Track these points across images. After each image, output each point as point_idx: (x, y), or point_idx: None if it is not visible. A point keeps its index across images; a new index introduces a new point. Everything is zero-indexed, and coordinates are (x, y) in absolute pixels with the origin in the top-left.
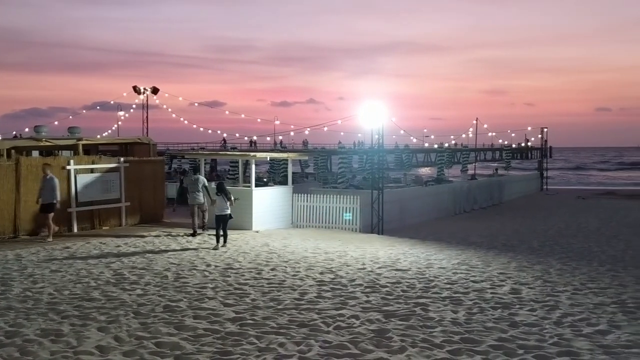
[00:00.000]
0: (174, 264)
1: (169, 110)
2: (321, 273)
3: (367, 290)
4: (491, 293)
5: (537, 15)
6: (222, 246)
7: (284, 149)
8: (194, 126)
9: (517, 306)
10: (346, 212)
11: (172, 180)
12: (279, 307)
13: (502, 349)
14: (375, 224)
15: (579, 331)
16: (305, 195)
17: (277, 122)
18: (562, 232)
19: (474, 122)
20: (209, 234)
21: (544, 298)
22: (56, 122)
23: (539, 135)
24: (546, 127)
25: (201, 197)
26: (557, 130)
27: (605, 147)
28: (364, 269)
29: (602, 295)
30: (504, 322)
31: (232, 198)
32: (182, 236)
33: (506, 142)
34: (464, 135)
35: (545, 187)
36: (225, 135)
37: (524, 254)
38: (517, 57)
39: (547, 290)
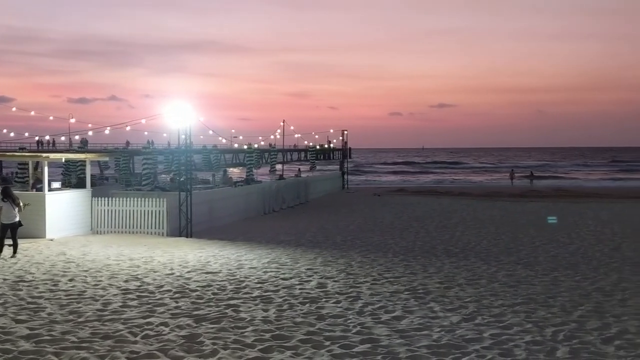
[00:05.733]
0: None
1: None
2: (126, 281)
3: (177, 295)
4: (300, 289)
5: (338, 23)
6: (12, 257)
7: (81, 149)
8: None
9: (324, 299)
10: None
11: None
12: (80, 319)
13: (311, 342)
14: (184, 227)
15: (378, 319)
16: (106, 198)
17: (73, 120)
18: (362, 227)
19: (281, 123)
20: None
21: (348, 290)
22: None
23: (340, 137)
24: (346, 130)
25: None
26: (357, 133)
27: (397, 148)
28: (172, 274)
29: (396, 284)
30: (312, 316)
31: (21, 204)
32: None
33: (311, 144)
34: (272, 137)
35: (346, 185)
36: (12, 134)
37: (328, 249)
38: (320, 62)
39: (350, 282)
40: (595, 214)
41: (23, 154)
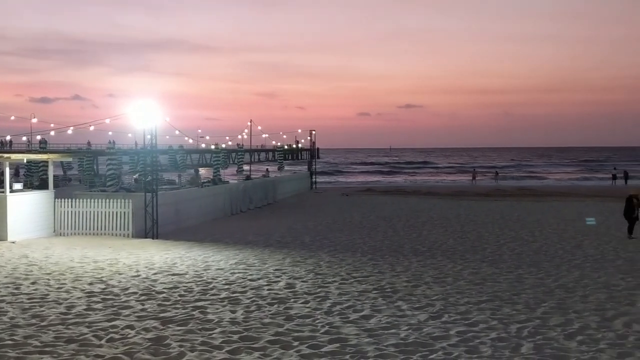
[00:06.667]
0: None
1: None
2: (90, 284)
3: (143, 298)
4: (268, 290)
5: (306, 23)
6: None
7: (42, 149)
8: None
9: (292, 300)
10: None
11: None
12: (43, 323)
13: (279, 343)
14: (150, 228)
15: (346, 318)
16: (70, 200)
17: (35, 120)
18: (330, 226)
19: (249, 123)
20: None
21: (316, 290)
22: None
23: (308, 137)
24: (314, 130)
25: None
26: (326, 133)
27: (366, 148)
28: (138, 276)
29: (365, 283)
30: (280, 316)
31: None
32: None
33: (279, 144)
34: (239, 137)
35: (314, 185)
36: None
37: (297, 250)
38: (288, 62)
39: (319, 282)
40: (558, 212)
41: None
